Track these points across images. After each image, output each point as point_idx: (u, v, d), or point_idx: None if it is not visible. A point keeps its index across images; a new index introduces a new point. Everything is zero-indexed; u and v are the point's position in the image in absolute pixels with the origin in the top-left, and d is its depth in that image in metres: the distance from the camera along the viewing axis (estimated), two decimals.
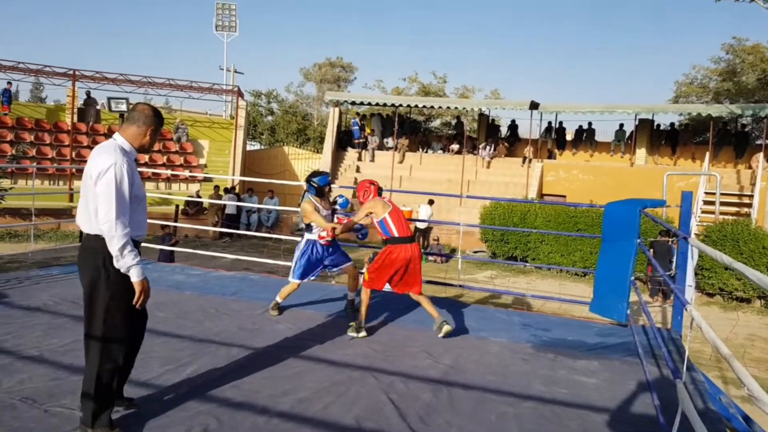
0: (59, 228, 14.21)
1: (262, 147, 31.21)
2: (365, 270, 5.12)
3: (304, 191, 5.35)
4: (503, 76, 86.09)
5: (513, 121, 21.39)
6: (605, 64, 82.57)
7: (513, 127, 21.33)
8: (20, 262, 8.33)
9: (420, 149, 21.09)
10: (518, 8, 79.16)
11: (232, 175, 19.98)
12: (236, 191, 16.99)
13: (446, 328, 4.79)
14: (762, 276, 1.97)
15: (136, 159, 2.89)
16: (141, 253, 2.88)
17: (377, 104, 21.03)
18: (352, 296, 5.55)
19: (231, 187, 17.12)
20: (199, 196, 16.81)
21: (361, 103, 21.76)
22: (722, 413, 3.49)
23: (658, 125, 19.52)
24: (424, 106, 21.97)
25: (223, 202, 15.83)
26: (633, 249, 5.11)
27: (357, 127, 20.91)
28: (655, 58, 75.52)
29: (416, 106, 21.65)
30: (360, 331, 4.78)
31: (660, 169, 16.74)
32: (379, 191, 5.10)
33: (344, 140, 21.31)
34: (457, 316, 5.58)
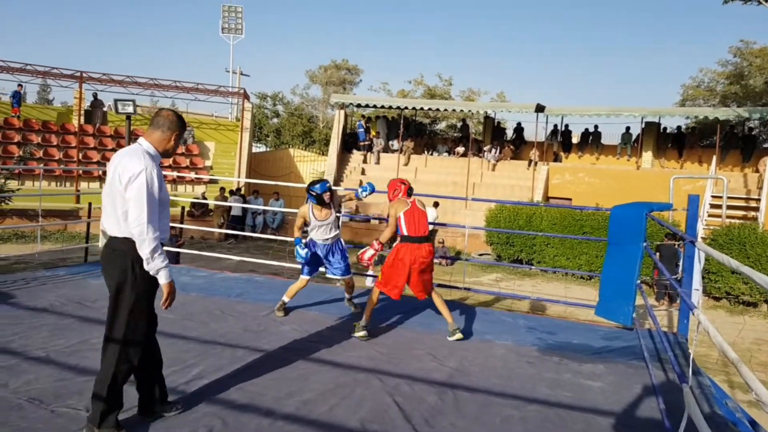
0: (66, 229, 14.28)
1: (268, 149, 31.30)
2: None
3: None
4: (509, 78, 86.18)
5: (519, 123, 21.33)
6: (611, 66, 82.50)
7: (519, 129, 21.27)
8: (27, 263, 8.38)
9: (425, 152, 21.05)
10: (524, 11, 79.15)
11: (238, 177, 20.03)
12: (242, 193, 17.01)
13: (458, 336, 4.80)
14: None
15: (160, 163, 2.93)
16: None
17: (383, 107, 21.03)
18: (348, 295, 5.68)
19: (236, 188, 17.16)
20: (205, 198, 16.86)
21: (367, 106, 21.74)
22: (729, 418, 3.47)
23: (665, 128, 19.43)
24: (430, 109, 21.97)
25: (229, 203, 15.87)
26: (639, 252, 5.10)
27: (362, 130, 20.89)
28: (661, 61, 75.33)
29: (422, 108, 21.68)
30: (360, 331, 4.75)
31: (666, 173, 16.68)
32: (409, 191, 5.07)
33: (349, 143, 21.30)
34: (462, 318, 5.58)
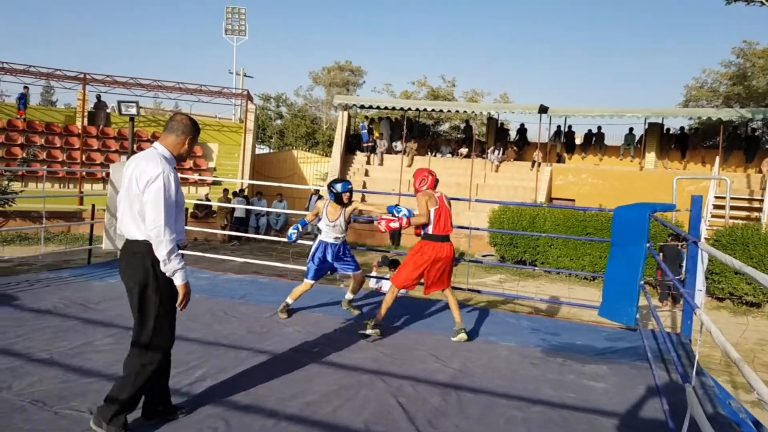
0: (69, 231, 14.30)
1: (271, 150, 31.34)
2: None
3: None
4: (512, 79, 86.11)
5: (522, 124, 21.30)
6: (615, 67, 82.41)
7: (522, 130, 21.25)
8: (30, 264, 8.39)
9: (429, 153, 21.04)
10: (527, 11, 79.13)
11: (241, 178, 20.05)
12: (245, 194, 17.04)
13: (460, 336, 4.80)
14: None
15: (175, 167, 2.95)
16: None
17: (386, 108, 21.03)
18: (350, 296, 5.62)
19: (240, 190, 17.17)
20: (208, 200, 16.87)
21: (370, 107, 21.74)
22: (732, 418, 3.46)
23: (668, 129, 19.39)
24: (433, 110, 21.90)
25: (232, 205, 15.89)
26: (642, 253, 5.09)
27: (366, 131, 20.88)
28: (665, 62, 75.26)
29: (425, 109, 21.65)
30: (374, 329, 4.75)
31: (670, 173, 16.64)
32: (435, 183, 5.07)
33: (353, 144, 21.30)
34: (466, 319, 5.56)
